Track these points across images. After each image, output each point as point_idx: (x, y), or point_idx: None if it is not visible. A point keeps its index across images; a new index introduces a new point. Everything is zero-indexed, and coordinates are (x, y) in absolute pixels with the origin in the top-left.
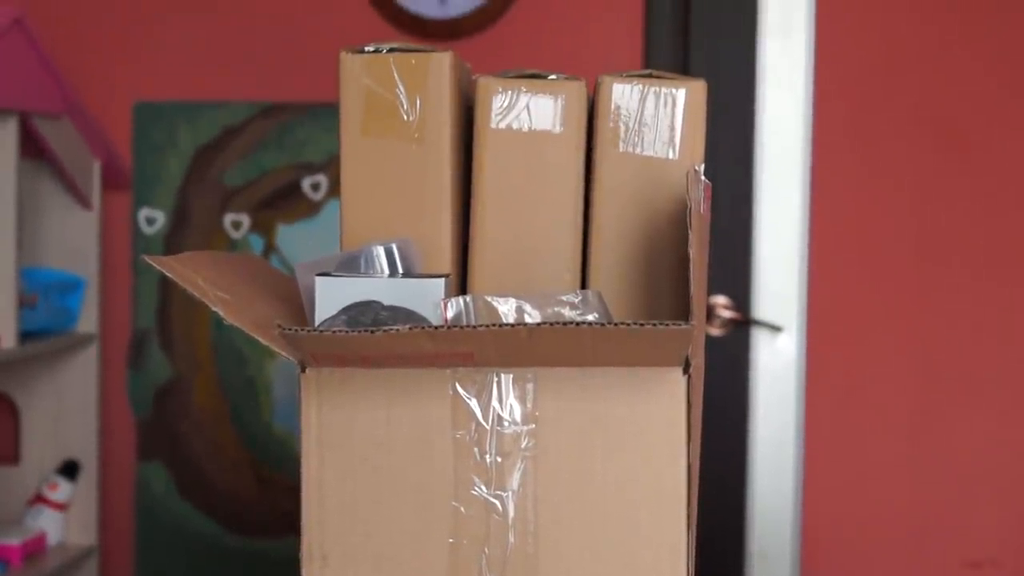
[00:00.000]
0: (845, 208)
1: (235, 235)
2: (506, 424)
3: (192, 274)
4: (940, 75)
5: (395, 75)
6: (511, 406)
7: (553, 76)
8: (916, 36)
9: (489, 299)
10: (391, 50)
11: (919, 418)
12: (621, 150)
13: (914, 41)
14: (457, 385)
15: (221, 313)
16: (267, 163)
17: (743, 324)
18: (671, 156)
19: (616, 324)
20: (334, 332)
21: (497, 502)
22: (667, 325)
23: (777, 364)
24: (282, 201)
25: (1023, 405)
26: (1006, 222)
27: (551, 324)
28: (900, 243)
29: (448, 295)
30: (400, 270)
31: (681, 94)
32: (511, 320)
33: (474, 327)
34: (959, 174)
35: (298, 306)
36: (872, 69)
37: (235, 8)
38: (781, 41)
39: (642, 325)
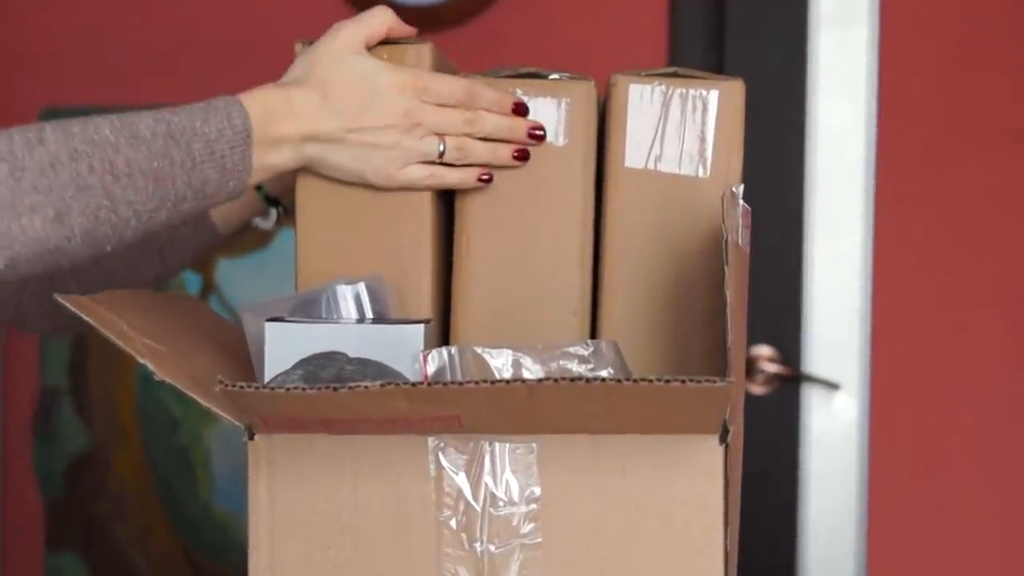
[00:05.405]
0: (917, 239)
1: None
2: (501, 505)
3: (115, 318)
4: None
5: None
6: (507, 483)
7: (555, 75)
8: (1004, 28)
9: (479, 351)
10: None
11: (1009, 499)
12: (639, 167)
13: (1001, 35)
14: (440, 456)
15: (150, 366)
16: None
17: (792, 380)
18: (701, 174)
19: (636, 380)
20: (288, 390)
21: None
22: (700, 382)
23: (834, 429)
24: None
25: None
26: None
27: (555, 380)
28: (984, 282)
29: (428, 345)
30: (369, 314)
31: (713, 96)
32: (506, 376)
33: (461, 384)
34: None
35: (245, 358)
36: (950, 69)
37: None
38: (838, 35)
39: (668, 381)
